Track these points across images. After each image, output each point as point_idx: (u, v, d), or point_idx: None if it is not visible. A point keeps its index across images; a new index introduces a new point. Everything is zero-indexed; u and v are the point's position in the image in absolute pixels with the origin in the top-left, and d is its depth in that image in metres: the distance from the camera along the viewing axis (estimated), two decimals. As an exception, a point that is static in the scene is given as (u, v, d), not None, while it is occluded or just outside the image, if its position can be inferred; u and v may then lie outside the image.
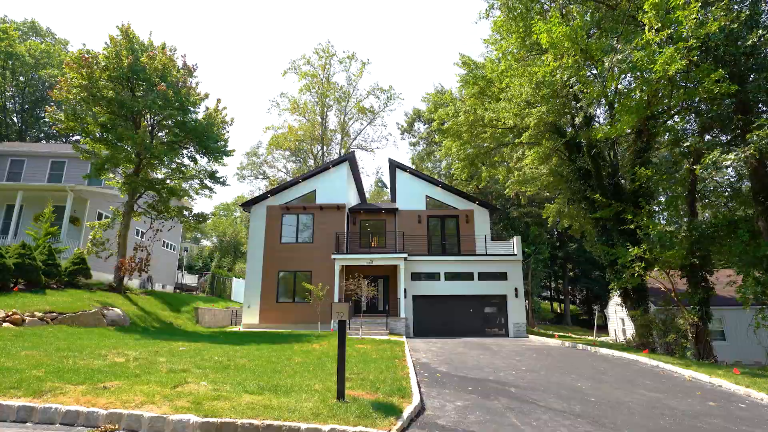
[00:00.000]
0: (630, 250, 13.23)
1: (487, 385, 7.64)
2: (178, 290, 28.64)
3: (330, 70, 43.48)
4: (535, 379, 8.38)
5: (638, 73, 9.29)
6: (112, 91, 15.65)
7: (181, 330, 16.09)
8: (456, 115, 19.94)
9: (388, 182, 43.44)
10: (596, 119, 17.96)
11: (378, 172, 65.59)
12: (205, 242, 62.79)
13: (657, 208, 15.26)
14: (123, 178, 17.74)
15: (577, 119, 14.17)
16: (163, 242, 27.02)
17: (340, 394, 5.26)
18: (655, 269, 13.35)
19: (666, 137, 17.64)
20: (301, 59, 42.64)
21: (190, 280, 33.17)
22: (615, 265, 16.14)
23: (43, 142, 40.92)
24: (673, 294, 13.13)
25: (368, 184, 53.97)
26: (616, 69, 9.14)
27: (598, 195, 15.39)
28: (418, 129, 45.32)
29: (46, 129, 41.93)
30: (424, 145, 43.61)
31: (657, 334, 13.84)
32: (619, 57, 8.91)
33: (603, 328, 29.90)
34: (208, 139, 18.04)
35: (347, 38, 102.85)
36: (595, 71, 13.03)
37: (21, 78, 40.35)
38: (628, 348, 14.60)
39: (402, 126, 46.33)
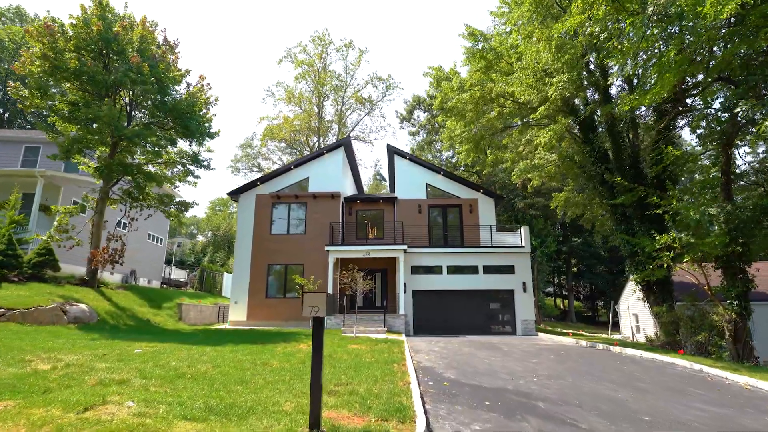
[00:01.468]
0: (657, 239, 11.76)
1: (508, 397, 6.15)
2: (165, 285, 27.06)
3: (327, 59, 41.75)
4: (563, 388, 6.89)
5: (682, 22, 7.76)
6: (76, 62, 14.04)
7: (157, 328, 14.61)
8: (461, 89, 18.24)
9: (386, 174, 41.78)
10: (613, 99, 16.40)
11: (377, 164, 63.62)
12: (200, 237, 61.08)
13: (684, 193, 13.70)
14: (96, 162, 16.19)
15: (609, 81, 12.57)
16: (149, 234, 25.45)
17: (315, 423, 3.72)
18: (685, 260, 11.84)
19: (689, 121, 16.12)
20: (297, 47, 41.04)
21: (180, 275, 31.55)
22: (636, 256, 14.67)
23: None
24: (706, 288, 11.65)
25: (366, 177, 52.36)
26: (659, 15, 7.60)
27: (619, 178, 13.89)
28: (418, 117, 43.64)
29: (32, 119, 40.18)
30: (424, 135, 41.96)
31: (686, 332, 12.37)
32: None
33: (614, 325, 28.48)
34: (190, 119, 16.47)
35: (345, 25, 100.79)
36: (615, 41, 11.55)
37: (6, 66, 38.62)
38: (654, 348, 13.13)
39: (401, 114, 44.63)
